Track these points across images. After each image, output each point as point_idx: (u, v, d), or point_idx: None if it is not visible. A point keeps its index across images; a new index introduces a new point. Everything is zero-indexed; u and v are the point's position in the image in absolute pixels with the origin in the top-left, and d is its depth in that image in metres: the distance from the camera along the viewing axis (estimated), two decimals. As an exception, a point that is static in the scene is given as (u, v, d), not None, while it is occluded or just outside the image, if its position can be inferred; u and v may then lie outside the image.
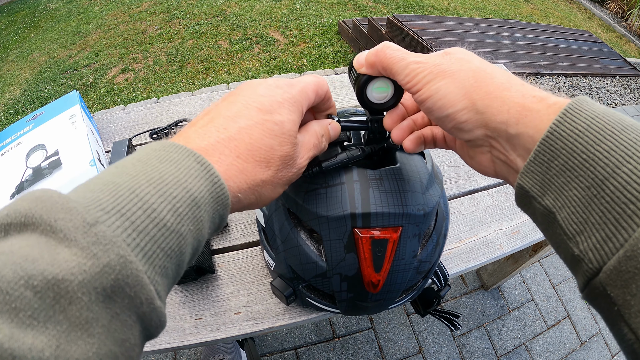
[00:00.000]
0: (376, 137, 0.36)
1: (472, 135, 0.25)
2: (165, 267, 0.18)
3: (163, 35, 2.84)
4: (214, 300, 0.51)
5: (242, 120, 0.24)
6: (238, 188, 0.23)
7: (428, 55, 0.26)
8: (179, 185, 0.19)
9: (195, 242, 0.20)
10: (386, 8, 3.32)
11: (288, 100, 0.26)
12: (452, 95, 0.24)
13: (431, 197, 0.38)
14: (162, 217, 0.18)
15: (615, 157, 0.18)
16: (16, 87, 2.56)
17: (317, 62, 2.57)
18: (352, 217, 0.35)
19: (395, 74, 0.27)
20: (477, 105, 0.23)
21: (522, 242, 0.62)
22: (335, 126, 0.32)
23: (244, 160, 0.23)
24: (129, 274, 0.16)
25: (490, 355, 1.18)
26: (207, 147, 0.22)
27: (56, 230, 0.15)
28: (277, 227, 0.42)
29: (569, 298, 1.34)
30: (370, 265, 0.37)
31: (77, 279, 0.14)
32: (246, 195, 0.24)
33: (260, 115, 0.24)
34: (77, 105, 0.64)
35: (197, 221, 0.20)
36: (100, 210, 0.16)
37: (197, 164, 0.20)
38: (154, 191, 0.18)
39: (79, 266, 0.15)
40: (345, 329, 1.18)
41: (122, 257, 0.16)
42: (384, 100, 0.31)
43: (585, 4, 4.43)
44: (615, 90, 2.54)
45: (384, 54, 0.27)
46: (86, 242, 0.15)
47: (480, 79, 0.24)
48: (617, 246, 0.17)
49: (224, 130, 0.23)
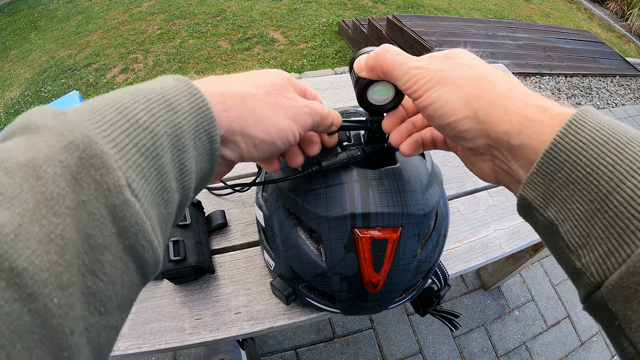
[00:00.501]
0: (376, 137, 0.36)
1: (474, 144, 0.24)
2: (142, 166, 0.17)
3: (163, 35, 2.84)
4: (214, 300, 0.51)
5: (248, 81, 0.26)
6: (220, 93, 0.23)
7: (429, 60, 0.26)
8: (154, 92, 0.19)
9: (176, 156, 0.19)
10: (386, 8, 3.32)
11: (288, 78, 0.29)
12: (454, 103, 0.24)
13: (431, 197, 0.38)
14: (133, 114, 0.18)
15: (619, 170, 0.17)
16: (16, 87, 2.56)
17: (317, 62, 2.57)
18: (351, 217, 0.35)
19: (396, 79, 0.27)
20: (478, 114, 0.23)
21: (522, 242, 0.62)
22: (337, 115, 0.32)
23: (229, 81, 0.25)
24: (93, 154, 0.15)
25: (490, 355, 1.18)
26: (208, 93, 0.23)
27: (31, 125, 0.16)
28: (277, 227, 0.42)
29: (569, 298, 1.34)
30: (370, 265, 0.37)
31: (43, 154, 0.15)
32: (235, 104, 0.24)
33: (261, 75, 0.27)
34: (77, 105, 0.64)
35: (175, 126, 0.19)
36: (72, 110, 0.17)
37: (177, 81, 0.21)
38: (127, 96, 0.19)
39: (46, 143, 0.15)
40: (345, 329, 1.18)
41: (87, 136, 0.16)
42: (384, 103, 0.31)
43: (585, 4, 4.43)
44: (615, 90, 2.54)
45: (384, 58, 0.27)
46: (54, 124, 0.16)
47: (482, 86, 0.23)
48: (619, 261, 0.17)
49: (224, 79, 0.25)
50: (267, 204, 0.44)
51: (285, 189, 0.39)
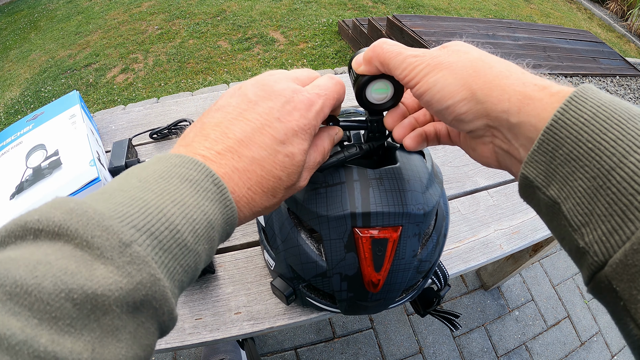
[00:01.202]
0: (375, 136, 0.36)
1: (473, 125, 0.24)
2: (182, 282, 0.20)
3: (163, 35, 2.84)
4: (214, 300, 0.51)
5: (255, 148, 0.24)
6: (244, 215, 0.25)
7: (425, 50, 0.26)
8: (198, 209, 0.21)
9: (207, 258, 0.22)
10: (386, 8, 3.32)
11: (303, 128, 0.25)
12: (451, 86, 0.24)
13: (431, 196, 0.38)
14: (184, 237, 0.19)
15: (622, 146, 0.17)
16: (16, 87, 2.56)
17: (317, 62, 2.57)
18: (352, 216, 0.35)
19: (393, 69, 0.27)
20: (476, 95, 0.23)
21: (522, 242, 0.62)
22: (340, 134, 0.32)
23: (254, 192, 0.24)
24: (156, 289, 0.17)
25: (490, 355, 1.18)
26: (224, 175, 0.23)
27: (93, 247, 0.16)
28: (277, 226, 0.42)
29: (569, 298, 1.34)
30: (371, 264, 0.37)
31: (114, 295, 0.16)
32: (249, 217, 0.26)
33: (274, 146, 0.24)
34: (77, 105, 0.64)
35: (211, 240, 0.22)
36: (132, 228, 0.18)
37: (214, 186, 0.22)
38: (178, 212, 0.20)
39: (116, 283, 0.16)
40: (345, 329, 1.18)
41: (153, 275, 0.17)
42: (383, 101, 0.31)
43: (585, 4, 4.43)
44: (615, 90, 2.54)
45: (381, 49, 0.27)
46: (122, 261, 0.17)
47: (478, 68, 0.23)
48: (623, 239, 0.16)
49: (238, 159, 0.24)
50: None
51: None
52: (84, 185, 0.51)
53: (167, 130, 0.72)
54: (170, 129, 0.72)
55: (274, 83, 0.26)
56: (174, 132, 0.73)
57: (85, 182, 0.51)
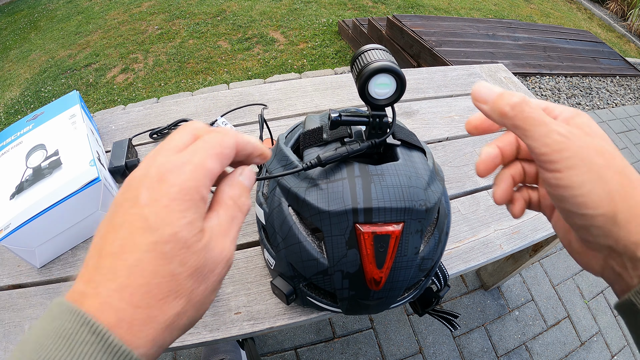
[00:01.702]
0: (377, 132, 0.36)
1: (596, 241, 0.22)
2: None
3: (163, 35, 2.84)
4: (214, 300, 0.51)
5: (128, 255, 0.20)
6: (151, 339, 0.20)
7: (568, 127, 0.23)
8: None
9: None
10: (386, 8, 3.32)
11: (175, 197, 0.20)
12: (596, 197, 0.21)
13: (433, 193, 0.38)
14: None
15: None
16: (16, 87, 2.56)
17: (317, 62, 2.57)
18: (353, 212, 0.35)
19: (531, 138, 0.23)
20: (617, 217, 0.21)
21: (522, 242, 0.62)
22: (248, 174, 0.25)
23: (145, 307, 0.19)
24: None
25: (490, 355, 1.18)
26: (101, 306, 0.19)
27: None
28: (277, 223, 0.42)
29: (569, 298, 1.34)
30: (372, 261, 0.36)
31: None
32: (165, 337, 0.20)
33: (147, 238, 0.20)
34: (77, 105, 0.64)
35: None
36: None
37: (92, 335, 0.18)
38: None
39: None
40: (345, 329, 1.18)
41: None
42: (385, 96, 0.31)
43: (585, 4, 4.43)
44: (615, 90, 2.54)
45: (522, 111, 0.23)
46: None
47: (625, 186, 0.22)
48: None
49: (113, 278, 0.19)
50: (267, 201, 0.44)
51: (286, 185, 0.39)
52: (84, 185, 0.51)
53: (167, 130, 0.72)
54: (170, 129, 0.72)
55: (136, 179, 0.22)
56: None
57: (85, 182, 0.51)
